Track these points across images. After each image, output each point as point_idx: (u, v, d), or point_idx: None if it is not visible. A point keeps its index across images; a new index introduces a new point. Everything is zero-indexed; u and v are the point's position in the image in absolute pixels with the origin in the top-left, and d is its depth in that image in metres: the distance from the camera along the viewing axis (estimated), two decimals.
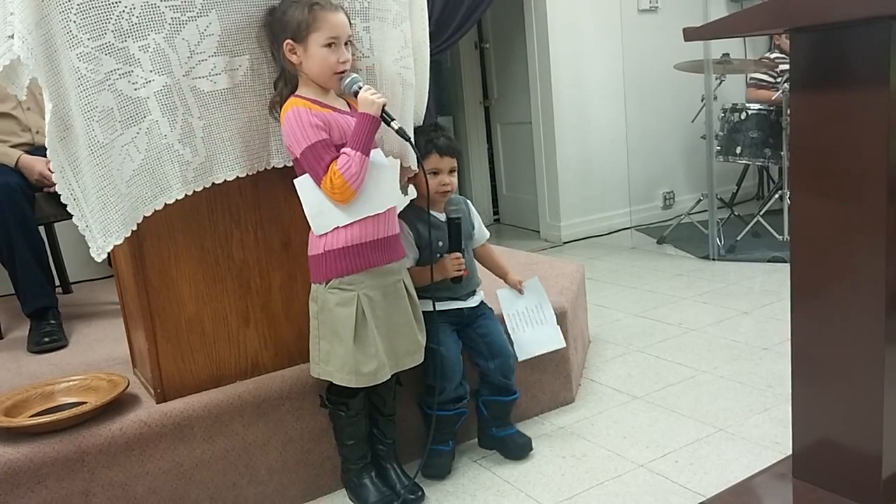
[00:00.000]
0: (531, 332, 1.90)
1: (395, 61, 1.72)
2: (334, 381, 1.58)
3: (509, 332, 1.87)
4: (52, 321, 2.22)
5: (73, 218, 1.43)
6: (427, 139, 1.74)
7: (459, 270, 1.75)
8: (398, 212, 1.69)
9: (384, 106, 1.51)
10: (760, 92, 4.12)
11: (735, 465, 1.71)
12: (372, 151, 1.53)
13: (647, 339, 2.63)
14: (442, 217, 1.78)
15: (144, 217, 1.50)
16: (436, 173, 1.74)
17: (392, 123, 1.52)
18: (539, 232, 4.65)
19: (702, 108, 3.99)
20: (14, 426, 1.48)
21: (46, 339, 2.14)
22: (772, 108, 3.87)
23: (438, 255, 1.76)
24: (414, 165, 1.76)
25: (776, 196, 3.82)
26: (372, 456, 1.71)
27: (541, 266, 2.54)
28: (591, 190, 4.51)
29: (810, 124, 1.30)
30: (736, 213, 4.19)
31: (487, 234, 1.96)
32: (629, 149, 4.57)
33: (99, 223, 1.43)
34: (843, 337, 1.31)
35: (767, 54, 4.35)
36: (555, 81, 4.30)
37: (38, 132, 2.43)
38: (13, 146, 2.38)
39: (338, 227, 1.53)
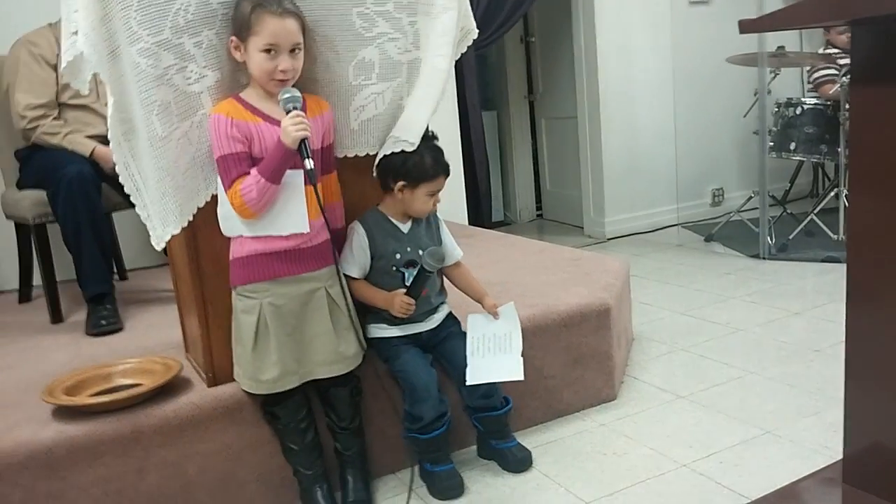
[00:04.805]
0: (490, 358, 1.72)
1: (434, 51, 1.70)
2: (241, 386, 1.59)
3: (467, 354, 1.72)
4: (109, 306, 2.30)
5: (136, 208, 1.48)
6: (435, 159, 1.66)
7: (405, 315, 1.66)
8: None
9: (304, 140, 1.44)
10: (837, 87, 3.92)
11: (782, 469, 1.68)
12: (290, 172, 1.48)
13: (692, 338, 2.58)
14: (405, 228, 1.71)
15: (198, 208, 1.55)
16: (433, 195, 1.68)
17: (305, 162, 1.44)
18: (583, 228, 4.61)
19: (755, 102, 3.89)
20: (75, 405, 1.55)
21: (104, 322, 2.23)
22: (828, 102, 3.75)
23: (394, 268, 1.68)
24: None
25: (832, 194, 3.71)
26: (339, 467, 1.67)
27: (585, 262, 2.53)
28: (637, 186, 4.44)
29: (870, 120, 1.26)
30: (788, 211, 4.08)
31: (461, 253, 1.81)
32: (678, 144, 4.48)
33: (158, 213, 1.48)
34: None
35: (820, 51, 4.21)
36: (602, 76, 4.24)
37: None
38: (88, 136, 2.48)
39: (243, 236, 1.52)
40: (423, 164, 1.65)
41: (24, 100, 2.43)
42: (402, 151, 1.63)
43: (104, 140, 2.46)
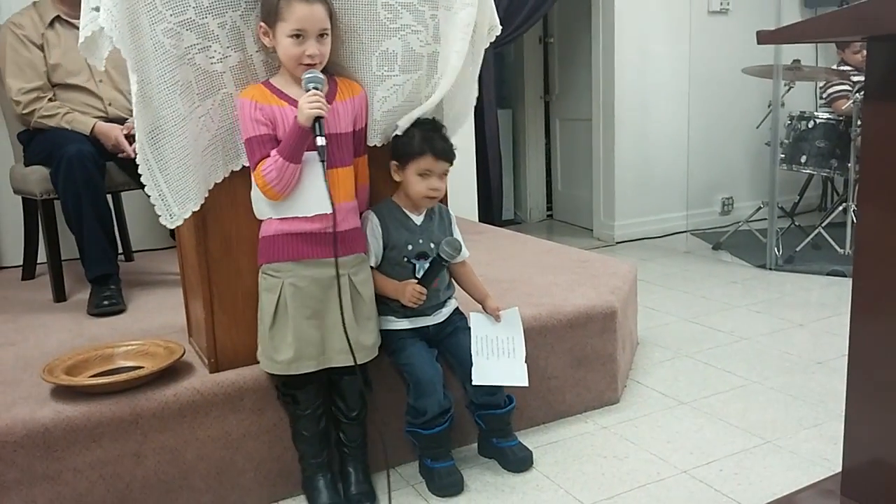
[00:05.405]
0: (495, 360, 1.72)
1: (452, 46, 1.69)
2: (260, 365, 1.60)
3: (472, 353, 1.71)
4: (112, 287, 2.28)
5: (146, 188, 1.47)
6: (423, 137, 1.64)
7: (415, 305, 1.65)
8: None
9: (319, 118, 1.44)
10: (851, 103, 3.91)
11: (781, 479, 1.67)
12: (313, 153, 1.48)
13: (697, 345, 2.58)
14: (418, 220, 1.70)
15: (216, 184, 1.57)
16: (425, 175, 1.64)
17: (317, 139, 1.44)
18: (592, 230, 4.60)
19: (768, 113, 3.88)
20: (74, 385, 1.54)
21: (106, 303, 2.21)
22: (841, 117, 3.73)
23: (406, 258, 1.68)
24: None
25: (840, 208, 3.69)
26: (339, 459, 1.68)
27: (593, 264, 2.52)
28: (647, 191, 4.43)
29: (882, 136, 1.25)
30: (796, 224, 4.06)
31: (467, 252, 1.78)
32: (690, 151, 4.47)
33: (177, 191, 1.48)
34: None
35: (834, 67, 4.20)
36: (618, 79, 4.23)
37: (110, 104, 2.52)
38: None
39: (272, 218, 1.55)
40: (410, 142, 1.65)
41: (16, 84, 2.40)
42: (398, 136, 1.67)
43: (105, 120, 2.44)
